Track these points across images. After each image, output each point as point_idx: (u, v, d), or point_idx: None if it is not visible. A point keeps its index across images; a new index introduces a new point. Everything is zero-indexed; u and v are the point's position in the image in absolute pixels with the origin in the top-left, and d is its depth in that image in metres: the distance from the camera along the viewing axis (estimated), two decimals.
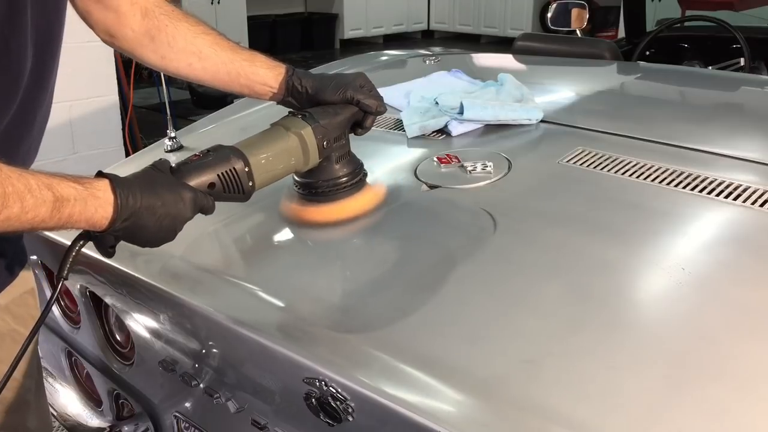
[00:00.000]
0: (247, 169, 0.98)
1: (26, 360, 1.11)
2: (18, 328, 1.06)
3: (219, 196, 0.96)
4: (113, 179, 0.85)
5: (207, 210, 0.94)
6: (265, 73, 1.15)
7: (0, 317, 1.03)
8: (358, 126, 1.15)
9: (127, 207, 0.84)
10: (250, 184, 0.99)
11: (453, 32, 10.29)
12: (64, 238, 1.03)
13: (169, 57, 1.14)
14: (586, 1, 2.68)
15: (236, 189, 0.97)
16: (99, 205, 0.83)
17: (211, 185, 0.94)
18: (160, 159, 0.93)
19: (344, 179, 1.14)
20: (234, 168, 0.96)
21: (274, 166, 1.03)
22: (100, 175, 0.86)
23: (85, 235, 0.88)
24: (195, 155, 0.97)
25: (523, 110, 1.46)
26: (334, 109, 1.11)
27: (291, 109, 1.14)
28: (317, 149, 1.08)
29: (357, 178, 1.16)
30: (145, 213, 0.85)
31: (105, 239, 0.87)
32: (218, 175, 0.95)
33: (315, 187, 1.14)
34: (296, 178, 1.16)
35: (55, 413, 1.44)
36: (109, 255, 0.90)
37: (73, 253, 0.87)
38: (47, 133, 1.01)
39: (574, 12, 2.68)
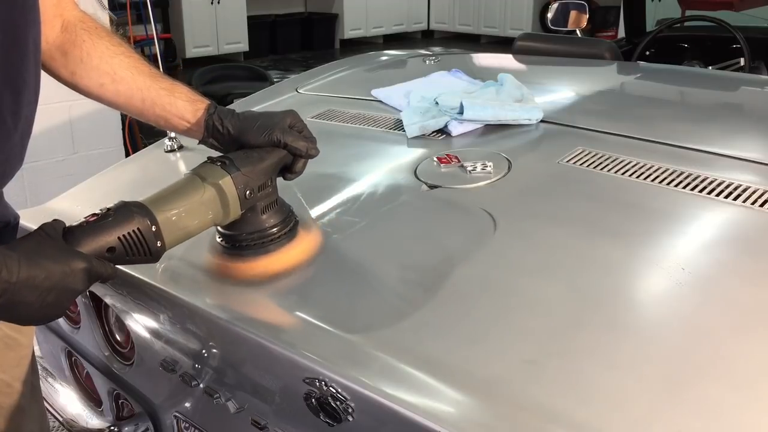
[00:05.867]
0: (154, 228, 0.86)
1: (22, 365, 1.10)
2: (11, 333, 1.06)
3: (121, 260, 0.85)
4: None
5: (106, 278, 0.83)
6: (184, 106, 1.05)
7: None
8: (288, 171, 1.04)
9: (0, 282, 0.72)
10: (159, 244, 0.87)
11: (453, 32, 10.30)
12: None
13: (80, 74, 1.04)
14: (586, 1, 2.69)
15: (142, 251, 0.86)
16: None
17: (111, 249, 0.83)
18: (53, 220, 0.82)
19: (272, 230, 1.03)
20: (138, 229, 0.85)
21: (187, 222, 0.92)
22: None
23: None
24: (92, 215, 0.85)
25: (523, 110, 1.46)
26: (259, 154, 1.00)
27: (210, 155, 1.02)
28: (238, 200, 0.97)
29: (287, 227, 1.05)
30: (24, 288, 0.74)
31: None
32: (119, 237, 0.83)
33: (239, 240, 1.03)
34: (219, 230, 1.05)
35: (60, 418, 1.44)
36: None
37: None
38: (47, 133, 1.00)
39: (574, 12, 2.68)
